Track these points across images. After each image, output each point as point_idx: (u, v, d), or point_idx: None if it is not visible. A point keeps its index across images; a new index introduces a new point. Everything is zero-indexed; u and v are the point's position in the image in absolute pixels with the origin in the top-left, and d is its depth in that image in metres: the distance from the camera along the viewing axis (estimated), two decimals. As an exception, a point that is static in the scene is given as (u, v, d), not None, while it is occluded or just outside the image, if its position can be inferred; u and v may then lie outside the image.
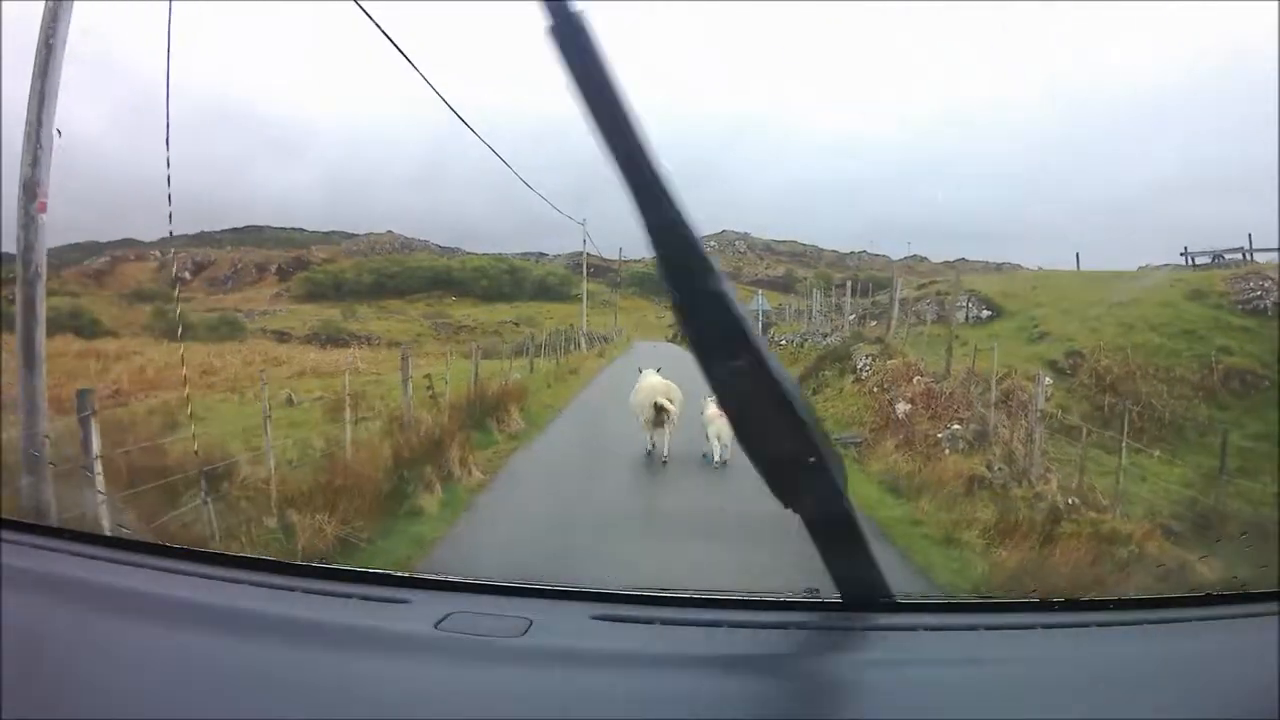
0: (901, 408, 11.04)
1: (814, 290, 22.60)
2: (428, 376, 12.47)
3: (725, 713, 0.91)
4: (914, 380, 11.42)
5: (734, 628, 1.09)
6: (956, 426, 10.45)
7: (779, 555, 1.32)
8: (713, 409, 8.16)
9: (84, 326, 49.12)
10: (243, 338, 50.03)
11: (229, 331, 49.14)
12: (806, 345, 17.98)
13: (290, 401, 14.74)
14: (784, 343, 21.06)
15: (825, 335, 17.36)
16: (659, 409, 8.45)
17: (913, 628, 1.12)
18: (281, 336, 56.07)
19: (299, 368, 21.57)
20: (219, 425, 10.45)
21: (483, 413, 9.85)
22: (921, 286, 20.75)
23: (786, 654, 1.07)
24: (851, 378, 12.42)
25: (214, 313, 55.34)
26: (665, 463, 8.50)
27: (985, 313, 14.95)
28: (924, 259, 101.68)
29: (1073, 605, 1.22)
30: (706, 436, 8.41)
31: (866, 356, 12.35)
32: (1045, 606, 1.20)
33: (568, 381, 18.73)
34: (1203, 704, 0.93)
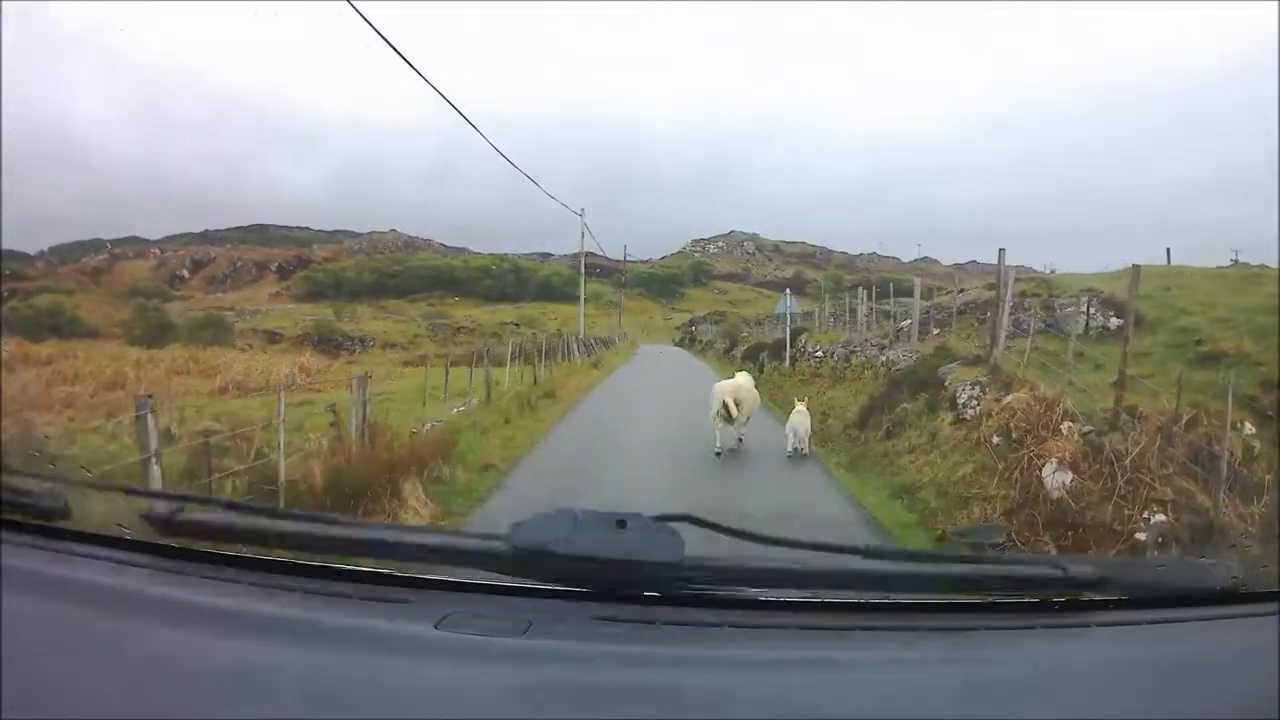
0: (1057, 477, 6.83)
1: (860, 290, 17.92)
2: (332, 408, 8.30)
3: (725, 713, 0.88)
4: (1063, 427, 7.20)
5: (734, 628, 1.04)
6: (1160, 517, 6.21)
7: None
8: (800, 407, 9.18)
9: (60, 326, 45.31)
10: (228, 339, 46.22)
11: (213, 332, 45.35)
12: (855, 360, 13.57)
13: (170, 436, 10.37)
14: (820, 354, 16.51)
15: (881, 347, 13.01)
16: (725, 406, 8.88)
17: (913, 628, 1.08)
18: (273, 337, 52.86)
19: (231, 378, 17.45)
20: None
21: (352, 494, 5.43)
22: (995, 286, 16.40)
23: (786, 654, 1.00)
24: (950, 416, 8.27)
25: (202, 311, 51.53)
26: (719, 454, 8.83)
27: (1114, 320, 10.83)
28: (935, 261, 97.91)
29: (1073, 605, 1.12)
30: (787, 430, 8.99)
31: (972, 385, 8.25)
32: (1045, 607, 1.12)
33: (539, 413, 12.89)
34: (1203, 704, 0.90)
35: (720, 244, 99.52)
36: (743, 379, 9.77)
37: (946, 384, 8.99)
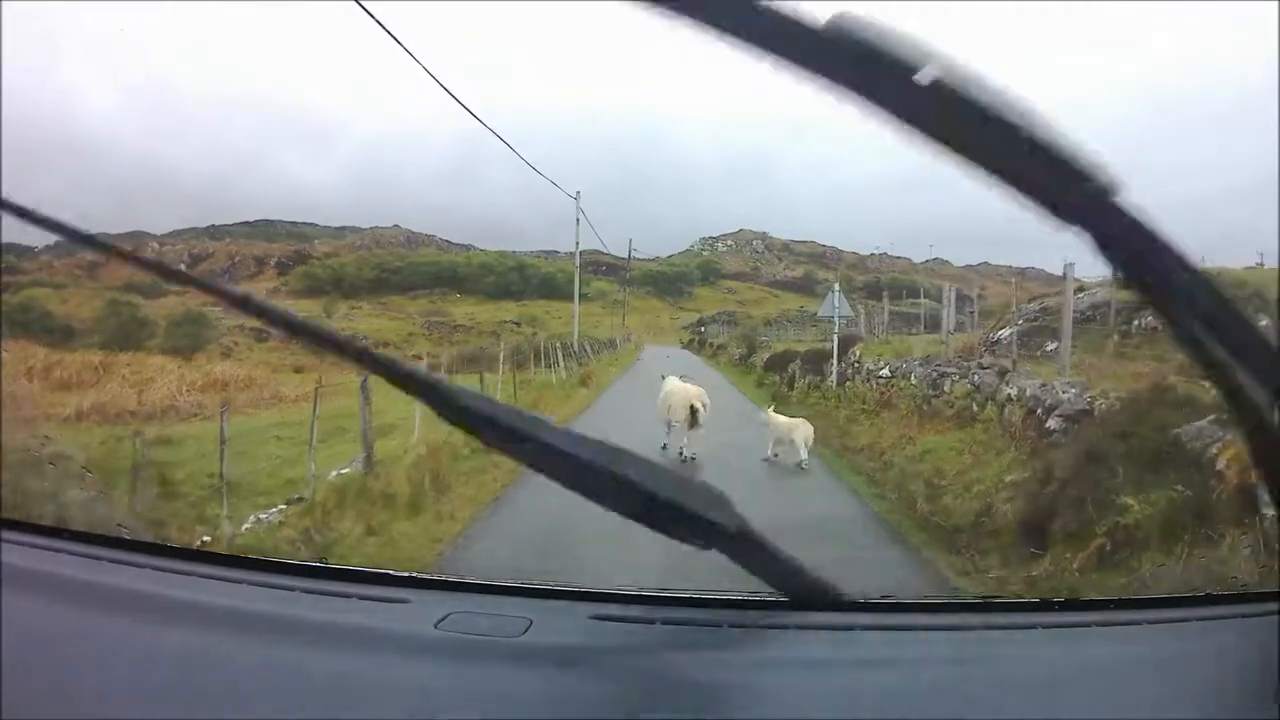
0: None
1: (946, 289, 12.63)
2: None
3: (725, 713, 0.85)
4: None
5: (734, 628, 1.01)
6: None
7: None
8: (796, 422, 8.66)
9: (30, 324, 41.50)
10: (209, 337, 42.41)
11: (193, 330, 41.31)
12: (954, 388, 8.71)
13: None
14: (887, 374, 11.44)
15: (1002, 372, 8.19)
16: (694, 411, 8.90)
17: (913, 627, 1.05)
18: (259, 334, 49.12)
19: (95, 400, 13.02)
20: None
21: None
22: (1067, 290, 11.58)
23: (787, 654, 0.98)
24: (1244, 538, 3.92)
25: (181, 308, 47.65)
26: (692, 459, 8.72)
27: None
28: (946, 262, 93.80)
29: (1073, 605, 1.16)
30: (791, 441, 8.52)
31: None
32: (1045, 606, 1.13)
33: (448, 499, 6.89)
34: (1203, 704, 0.88)
35: (729, 242, 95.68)
36: (687, 384, 9.79)
37: (1221, 466, 4.43)
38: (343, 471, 7.12)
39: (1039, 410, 7.07)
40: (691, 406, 8.95)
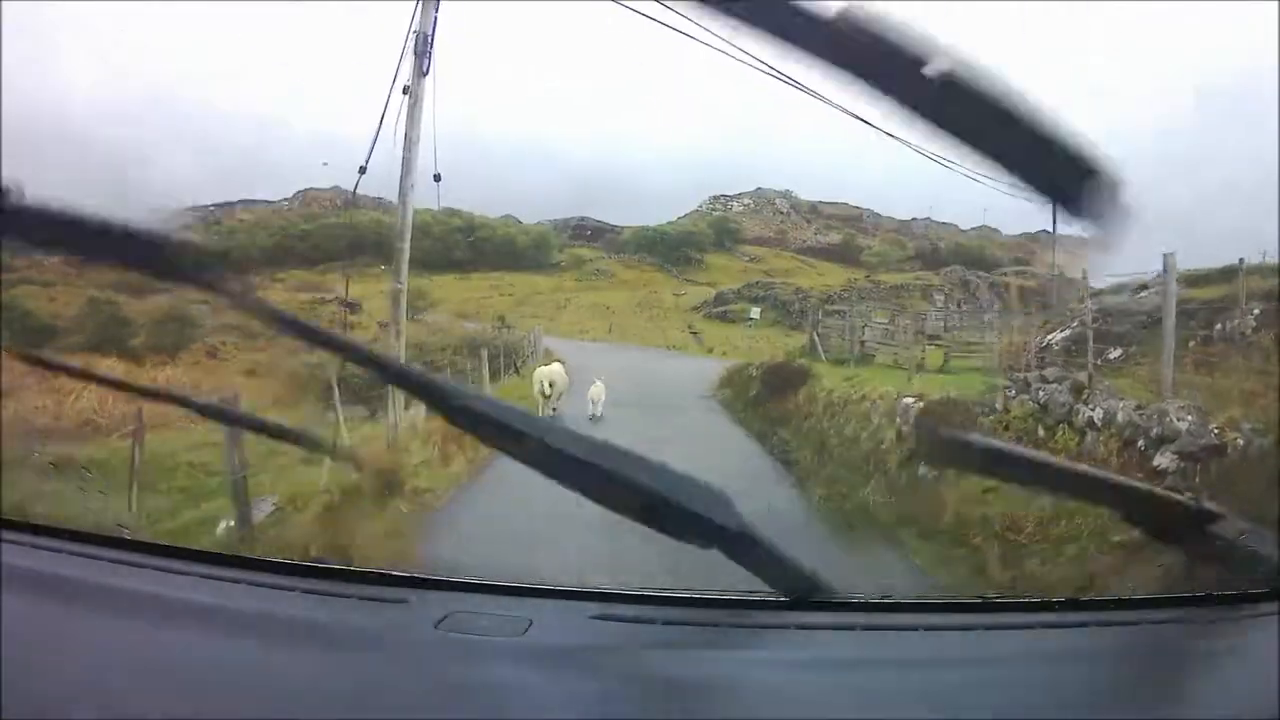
0: None
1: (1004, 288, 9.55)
2: None
3: (725, 713, 0.88)
4: None
5: (735, 627, 1.06)
6: None
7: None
8: (598, 385, 11.73)
9: (12, 322, 40.67)
10: (196, 336, 41.52)
11: (175, 329, 40.72)
12: (1012, 405, 6.71)
13: None
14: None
15: (1075, 389, 5.72)
16: (543, 392, 10.85)
17: (912, 627, 1.09)
18: (249, 335, 47.15)
19: (12, 413, 11.16)
20: None
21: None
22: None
23: (786, 654, 1.01)
24: None
25: (167, 307, 46.40)
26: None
27: None
28: (996, 231, 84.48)
29: (1073, 605, 1.17)
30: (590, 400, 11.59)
31: None
32: (1045, 606, 1.16)
33: None
34: (1203, 704, 0.90)
35: (747, 201, 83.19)
36: (557, 368, 11.47)
37: None
38: (230, 524, 5.62)
39: (1140, 442, 5.21)
40: (541, 383, 10.30)
